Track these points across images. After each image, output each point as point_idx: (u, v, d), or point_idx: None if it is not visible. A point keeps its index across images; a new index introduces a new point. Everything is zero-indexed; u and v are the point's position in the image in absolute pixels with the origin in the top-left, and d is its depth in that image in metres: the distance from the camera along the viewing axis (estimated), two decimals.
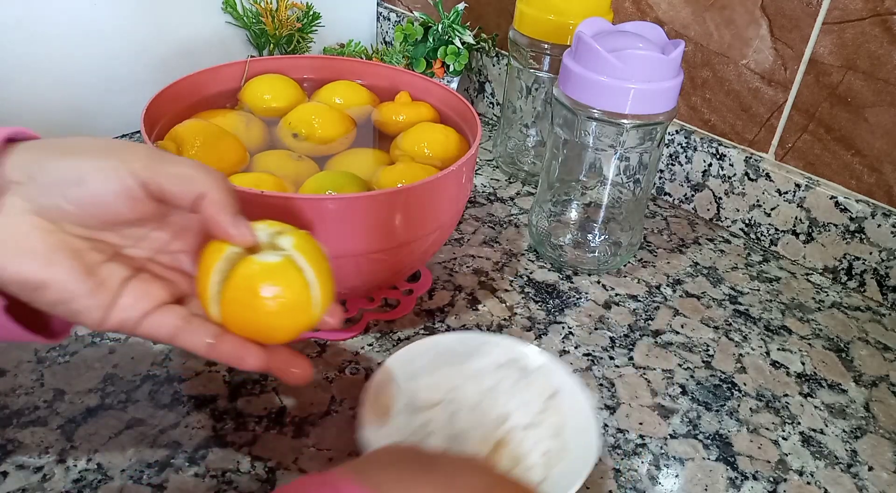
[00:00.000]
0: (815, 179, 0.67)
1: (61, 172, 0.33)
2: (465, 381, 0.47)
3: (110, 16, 0.74)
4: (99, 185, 0.33)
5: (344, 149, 0.59)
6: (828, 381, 0.56)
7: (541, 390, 0.47)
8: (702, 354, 0.57)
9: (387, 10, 0.99)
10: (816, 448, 0.49)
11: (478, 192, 0.76)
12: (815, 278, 0.68)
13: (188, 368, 0.50)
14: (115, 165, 0.34)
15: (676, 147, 0.74)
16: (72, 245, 0.34)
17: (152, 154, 0.35)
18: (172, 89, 0.56)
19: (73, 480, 0.42)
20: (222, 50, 0.84)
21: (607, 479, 0.45)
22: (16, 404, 0.46)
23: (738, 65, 0.69)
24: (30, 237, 0.33)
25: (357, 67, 0.66)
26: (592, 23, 0.57)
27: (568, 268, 0.65)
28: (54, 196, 0.33)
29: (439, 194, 0.49)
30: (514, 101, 0.77)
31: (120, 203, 0.34)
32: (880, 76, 0.60)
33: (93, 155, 0.34)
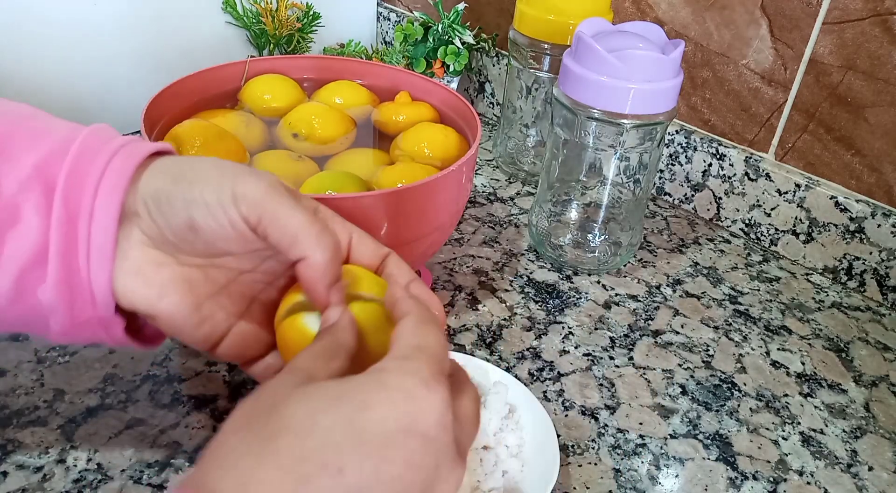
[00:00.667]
0: (815, 179, 0.67)
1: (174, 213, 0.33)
2: None
3: (111, 16, 0.74)
4: (211, 231, 0.33)
5: (344, 149, 0.59)
6: (828, 381, 0.56)
7: (498, 409, 0.45)
8: (702, 354, 0.57)
9: (387, 10, 0.99)
10: (816, 448, 0.50)
11: (478, 192, 0.76)
12: (815, 278, 0.68)
13: (188, 368, 0.50)
14: (225, 204, 0.32)
15: (676, 147, 0.75)
16: (185, 278, 0.35)
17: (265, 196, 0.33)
18: (172, 89, 0.56)
19: (73, 480, 0.42)
20: (222, 50, 0.84)
21: (607, 479, 0.45)
22: (16, 404, 0.46)
23: (738, 65, 0.69)
24: (144, 272, 0.34)
25: (357, 67, 0.66)
26: (592, 23, 0.57)
27: (568, 268, 0.65)
28: (169, 235, 0.33)
29: (439, 194, 0.49)
30: (514, 101, 0.77)
31: (231, 245, 0.34)
32: (880, 76, 0.60)
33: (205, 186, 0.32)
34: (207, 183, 0.33)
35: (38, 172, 0.32)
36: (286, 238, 0.33)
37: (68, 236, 0.32)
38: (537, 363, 0.54)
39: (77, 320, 0.33)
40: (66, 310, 0.33)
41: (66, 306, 0.33)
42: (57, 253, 0.32)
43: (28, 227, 0.32)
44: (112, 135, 0.34)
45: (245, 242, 0.34)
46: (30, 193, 0.32)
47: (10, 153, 0.32)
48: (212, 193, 0.32)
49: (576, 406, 0.51)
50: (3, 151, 0.32)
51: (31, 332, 0.35)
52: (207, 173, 0.33)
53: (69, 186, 0.32)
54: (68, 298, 0.33)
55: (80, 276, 0.32)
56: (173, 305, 0.34)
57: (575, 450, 0.47)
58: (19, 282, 0.32)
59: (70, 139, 0.33)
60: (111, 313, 0.34)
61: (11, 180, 0.32)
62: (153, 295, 0.34)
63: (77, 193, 0.32)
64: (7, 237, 0.32)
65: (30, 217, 0.32)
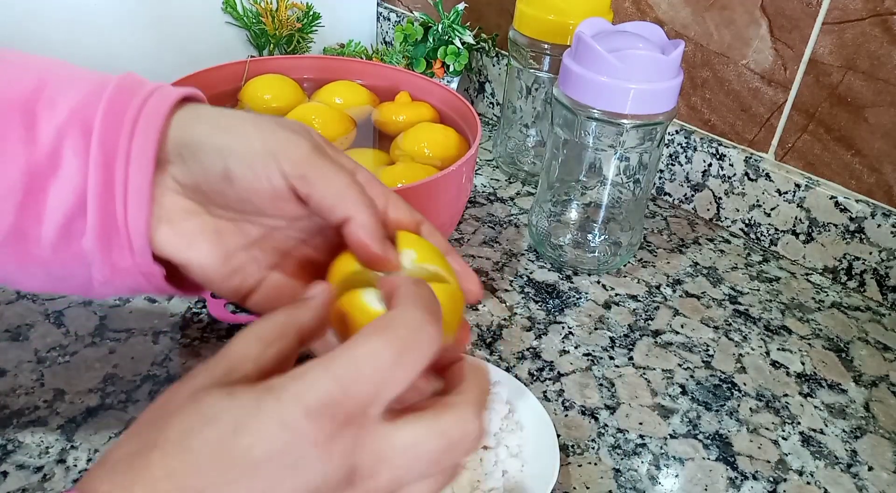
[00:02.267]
0: (814, 179, 0.67)
1: (210, 162, 0.32)
2: None
3: (110, 16, 0.74)
4: (247, 183, 0.31)
5: (344, 149, 0.59)
6: (828, 381, 0.56)
7: (498, 409, 0.45)
8: (702, 354, 0.57)
9: (387, 11, 0.99)
10: (816, 448, 0.50)
11: (478, 192, 0.76)
12: (814, 278, 0.68)
13: (188, 367, 0.50)
14: (266, 162, 0.31)
15: (676, 147, 0.75)
16: (215, 228, 0.34)
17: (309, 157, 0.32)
18: None
19: (74, 480, 0.42)
20: (222, 50, 0.84)
21: (607, 479, 0.45)
22: (16, 404, 0.46)
23: (738, 65, 0.69)
24: (175, 220, 0.33)
25: (357, 67, 0.66)
26: (592, 23, 0.57)
27: (568, 268, 0.65)
28: (202, 184, 0.32)
29: (439, 194, 0.49)
30: (514, 101, 0.78)
31: (265, 202, 0.32)
32: (880, 76, 0.60)
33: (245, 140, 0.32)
34: (247, 136, 0.32)
35: (75, 115, 0.32)
36: (328, 199, 0.31)
37: (106, 179, 0.31)
38: (537, 363, 0.54)
39: (117, 267, 0.33)
40: (105, 257, 0.32)
41: (105, 252, 0.32)
42: (95, 197, 0.31)
43: (70, 172, 0.31)
44: (142, 80, 0.34)
45: (278, 202, 0.32)
46: (68, 138, 0.31)
47: (48, 99, 0.32)
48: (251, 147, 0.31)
49: (576, 406, 0.51)
50: (41, 98, 0.32)
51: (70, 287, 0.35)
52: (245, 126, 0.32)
53: (105, 129, 0.31)
54: (107, 245, 0.32)
55: (118, 221, 0.32)
56: (202, 255, 0.33)
57: (575, 450, 0.47)
58: (65, 229, 0.32)
59: (103, 83, 0.33)
60: (149, 260, 0.33)
61: (51, 126, 0.31)
62: (183, 244, 0.33)
63: (113, 135, 0.31)
64: (50, 185, 0.31)
65: (70, 162, 0.31)
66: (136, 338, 0.52)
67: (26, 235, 0.32)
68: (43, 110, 0.32)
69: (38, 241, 0.32)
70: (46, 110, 0.32)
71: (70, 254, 0.32)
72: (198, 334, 0.53)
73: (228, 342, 0.27)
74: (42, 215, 0.31)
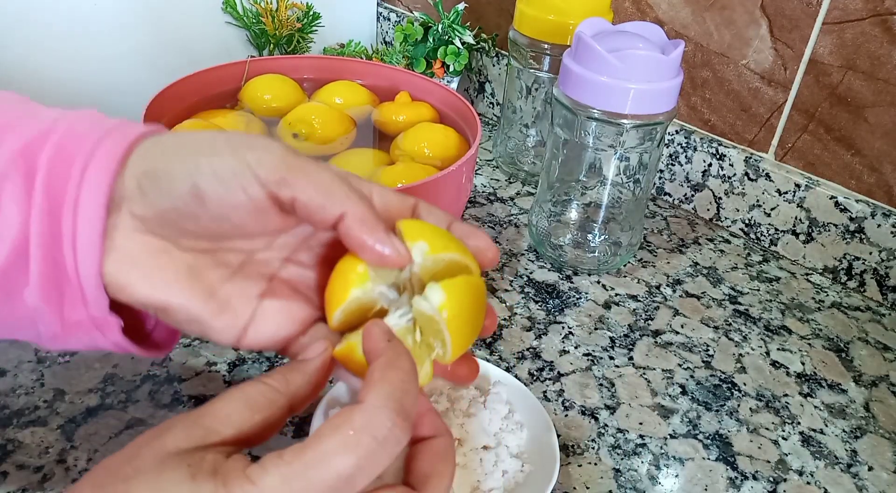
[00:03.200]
0: (814, 179, 0.67)
1: (174, 185, 0.28)
2: None
3: (111, 16, 0.74)
4: (220, 199, 0.28)
5: (344, 149, 0.59)
6: (828, 381, 0.56)
7: (498, 409, 0.45)
8: (702, 354, 0.57)
9: (387, 11, 0.99)
10: (816, 448, 0.50)
11: (478, 192, 0.76)
12: (814, 278, 0.68)
13: (188, 367, 0.50)
14: (237, 170, 0.28)
15: (676, 147, 0.75)
16: (189, 263, 0.31)
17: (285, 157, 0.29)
18: (173, 89, 0.56)
19: (74, 480, 0.42)
20: (222, 50, 0.84)
21: (607, 479, 0.45)
22: (16, 404, 0.46)
23: (738, 65, 0.69)
24: (142, 260, 0.30)
25: (357, 67, 0.66)
26: (592, 23, 0.57)
27: (568, 268, 0.65)
28: (166, 213, 0.29)
29: (439, 194, 0.49)
30: (514, 101, 0.78)
31: (244, 218, 0.29)
32: (880, 76, 0.60)
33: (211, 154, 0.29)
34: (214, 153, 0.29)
35: (20, 157, 0.28)
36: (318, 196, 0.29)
37: (51, 228, 0.28)
38: (537, 363, 0.54)
39: (68, 322, 0.30)
40: (54, 311, 0.29)
41: (53, 306, 0.29)
42: (39, 247, 0.28)
43: (6, 219, 0.28)
44: (101, 118, 0.31)
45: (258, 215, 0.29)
46: (8, 182, 0.28)
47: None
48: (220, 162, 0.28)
49: (576, 406, 0.51)
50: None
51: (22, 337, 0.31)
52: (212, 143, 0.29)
53: (52, 172, 0.28)
54: (56, 297, 0.29)
55: (67, 272, 0.29)
56: (182, 293, 0.30)
57: (575, 450, 0.47)
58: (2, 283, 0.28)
59: (55, 122, 0.30)
60: (105, 312, 0.30)
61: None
62: (156, 285, 0.30)
63: (61, 179, 0.28)
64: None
65: (9, 208, 0.28)
66: None
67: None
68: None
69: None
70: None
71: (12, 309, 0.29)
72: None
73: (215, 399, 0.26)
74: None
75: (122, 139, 0.29)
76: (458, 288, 0.30)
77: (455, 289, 0.30)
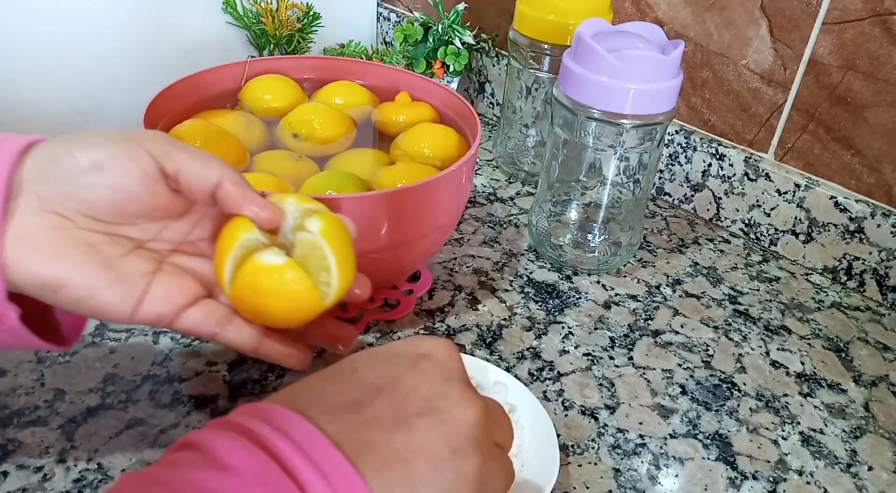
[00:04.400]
0: (814, 180, 0.67)
1: (76, 162, 0.33)
2: None
3: (111, 16, 0.74)
4: (116, 169, 0.33)
5: (344, 149, 0.59)
6: (827, 381, 0.56)
7: None
8: (701, 354, 0.57)
9: (387, 11, 0.99)
10: (816, 448, 0.50)
11: (478, 192, 0.76)
12: (814, 277, 0.68)
13: (188, 367, 0.50)
14: (132, 149, 0.33)
15: (676, 147, 0.75)
16: (87, 240, 0.34)
17: (168, 139, 0.35)
18: (173, 89, 0.56)
19: (74, 480, 0.42)
20: (222, 50, 0.84)
21: (607, 479, 0.45)
22: (16, 404, 0.46)
23: (738, 65, 0.69)
24: (41, 236, 0.32)
25: (357, 68, 0.66)
26: (592, 23, 0.58)
27: (568, 268, 0.65)
28: (67, 188, 0.33)
29: (439, 194, 0.49)
30: (514, 101, 0.78)
31: (139, 187, 0.34)
32: (880, 76, 0.60)
33: (108, 141, 0.34)
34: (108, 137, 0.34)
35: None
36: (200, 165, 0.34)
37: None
38: (537, 363, 0.54)
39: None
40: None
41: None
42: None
43: None
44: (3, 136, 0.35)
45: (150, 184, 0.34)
46: None
47: None
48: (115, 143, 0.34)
49: (576, 406, 0.51)
50: None
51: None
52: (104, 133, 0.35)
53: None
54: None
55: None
56: (79, 263, 0.33)
57: (575, 450, 0.47)
58: None
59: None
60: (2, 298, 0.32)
61: None
62: (55, 257, 0.33)
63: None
64: None
65: None
66: (137, 338, 0.52)
67: None
68: None
69: None
70: None
71: None
72: None
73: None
74: None
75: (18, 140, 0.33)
76: (331, 218, 0.37)
77: (328, 219, 0.37)
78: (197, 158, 0.35)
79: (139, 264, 0.36)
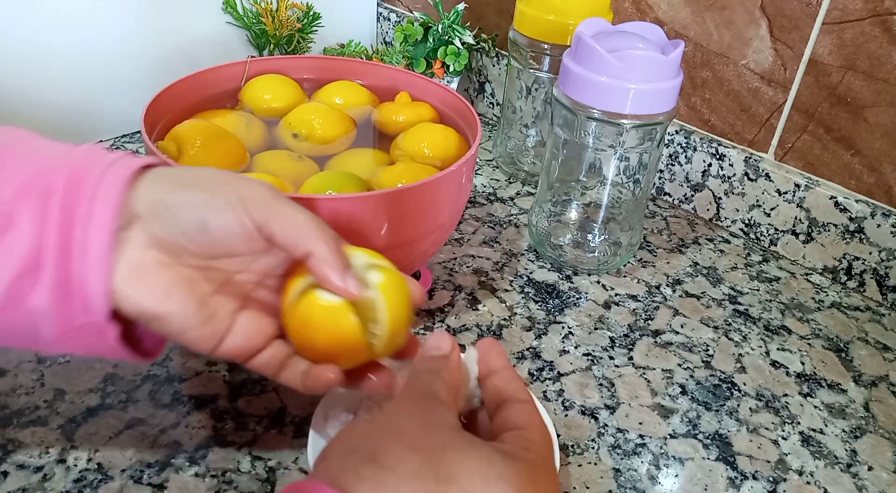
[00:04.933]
0: (814, 180, 0.67)
1: (186, 216, 0.35)
2: None
3: (111, 16, 0.74)
4: (222, 230, 0.35)
5: (344, 149, 0.59)
6: (827, 381, 0.56)
7: None
8: (701, 354, 0.57)
9: (387, 11, 0.99)
10: (816, 448, 0.50)
11: (478, 192, 0.76)
12: (814, 277, 0.68)
13: (188, 368, 0.50)
14: (235, 207, 0.35)
15: (676, 147, 0.75)
16: (187, 277, 0.36)
17: (270, 200, 0.36)
18: (173, 89, 0.56)
19: (74, 480, 0.42)
20: (222, 50, 0.84)
21: (607, 479, 0.45)
22: (16, 403, 0.46)
23: (738, 65, 0.69)
24: (150, 272, 0.35)
25: (357, 67, 0.66)
26: (592, 23, 0.58)
27: (568, 268, 0.65)
28: (178, 237, 0.35)
29: (439, 194, 0.49)
30: (514, 101, 0.78)
31: (238, 244, 0.36)
32: (880, 76, 0.60)
33: (212, 191, 0.35)
34: (214, 189, 0.35)
35: (35, 180, 0.33)
36: (292, 236, 0.35)
37: (64, 240, 0.33)
38: (537, 363, 0.54)
39: (70, 326, 0.34)
40: (58, 315, 0.33)
41: (58, 311, 0.33)
42: (52, 257, 0.32)
43: (22, 233, 0.32)
44: (105, 151, 0.36)
45: (250, 241, 0.36)
46: (25, 200, 0.33)
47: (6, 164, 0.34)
48: (221, 198, 0.35)
49: (575, 406, 0.51)
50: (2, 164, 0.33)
51: (18, 344, 0.36)
52: (211, 181, 0.36)
53: (67, 192, 0.33)
54: (61, 302, 0.33)
55: (74, 280, 0.33)
56: (180, 302, 0.35)
57: (575, 450, 0.47)
58: (11, 290, 0.32)
59: (67, 152, 0.35)
60: (105, 318, 0.34)
61: (7, 188, 0.33)
62: (159, 293, 0.35)
63: (74, 197, 0.33)
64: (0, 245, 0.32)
65: (23, 224, 0.32)
66: None
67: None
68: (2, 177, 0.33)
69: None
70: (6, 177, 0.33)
71: (15, 314, 0.33)
72: None
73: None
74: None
75: (128, 165, 0.35)
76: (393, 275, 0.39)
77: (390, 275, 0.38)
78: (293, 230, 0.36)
79: (226, 303, 0.38)
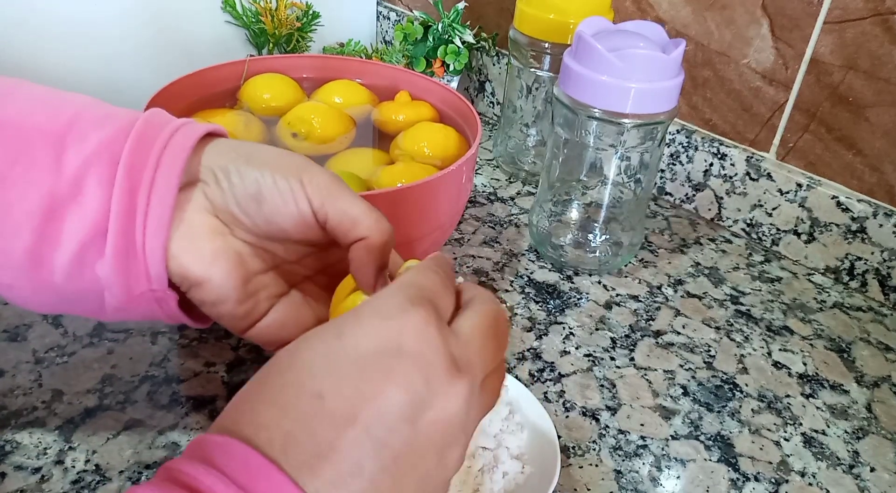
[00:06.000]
0: (816, 179, 0.67)
1: (244, 184, 0.34)
2: None
3: (111, 16, 0.74)
4: (276, 206, 0.34)
5: (343, 148, 0.59)
6: (829, 382, 0.55)
7: (498, 410, 0.44)
8: (703, 354, 0.57)
9: (387, 10, 0.99)
10: (818, 449, 0.49)
11: (478, 192, 0.76)
12: (816, 278, 0.67)
13: (187, 368, 0.50)
14: (295, 188, 0.34)
15: (677, 147, 0.74)
16: (237, 250, 0.36)
17: (332, 184, 0.35)
18: (172, 89, 0.56)
19: (72, 481, 0.42)
20: (222, 49, 0.84)
21: (608, 480, 0.45)
22: (14, 404, 0.46)
23: (739, 64, 0.69)
24: (202, 236, 0.35)
25: (357, 67, 0.66)
26: (593, 22, 0.57)
27: (569, 268, 0.65)
28: (232, 205, 0.35)
29: (439, 194, 0.49)
30: (515, 100, 0.77)
31: (290, 225, 0.35)
32: (881, 76, 0.60)
33: (276, 169, 0.35)
34: (277, 167, 0.35)
35: (104, 147, 0.33)
36: (347, 220, 0.35)
37: (128, 207, 0.33)
38: (538, 364, 0.54)
39: (132, 294, 0.34)
40: (122, 283, 0.34)
41: (122, 279, 0.33)
42: (116, 224, 0.33)
43: (90, 200, 0.33)
44: (169, 117, 0.36)
45: (301, 225, 0.35)
46: (94, 167, 0.33)
47: (79, 132, 0.34)
48: (281, 176, 0.34)
49: (577, 407, 0.50)
50: (72, 130, 0.33)
51: (83, 310, 0.36)
52: (276, 159, 0.36)
53: (132, 159, 0.33)
54: (124, 271, 0.33)
55: (136, 248, 0.33)
56: (225, 272, 0.35)
57: (576, 451, 0.47)
58: (79, 256, 0.33)
59: (133, 119, 0.35)
60: (164, 286, 0.34)
61: (78, 157, 0.33)
62: (207, 258, 0.34)
63: (140, 164, 0.33)
64: (69, 211, 0.32)
65: (93, 190, 0.33)
66: (135, 338, 0.52)
67: (41, 260, 0.33)
68: (73, 142, 0.33)
69: (52, 266, 0.33)
70: (77, 143, 0.33)
71: (82, 281, 0.34)
72: (196, 335, 0.53)
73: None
74: (58, 242, 0.33)
75: (192, 132, 0.35)
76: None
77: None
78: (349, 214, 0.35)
79: (270, 286, 0.37)
